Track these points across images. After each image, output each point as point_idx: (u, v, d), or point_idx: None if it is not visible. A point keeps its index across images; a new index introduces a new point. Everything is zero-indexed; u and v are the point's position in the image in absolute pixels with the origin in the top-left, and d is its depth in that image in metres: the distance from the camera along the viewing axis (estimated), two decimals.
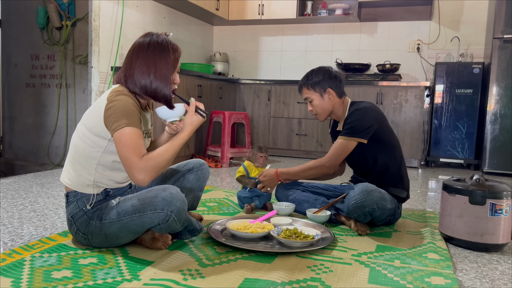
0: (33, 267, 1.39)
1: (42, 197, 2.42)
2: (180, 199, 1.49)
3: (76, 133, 1.58)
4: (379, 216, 1.88)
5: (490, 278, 1.46)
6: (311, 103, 2.12)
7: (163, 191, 1.49)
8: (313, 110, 2.13)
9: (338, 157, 2.02)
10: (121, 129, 1.43)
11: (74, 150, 1.57)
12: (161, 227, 1.50)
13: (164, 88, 1.54)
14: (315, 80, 2.09)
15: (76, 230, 1.56)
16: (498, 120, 4.02)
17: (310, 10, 5.00)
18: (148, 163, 1.43)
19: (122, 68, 1.59)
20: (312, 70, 2.14)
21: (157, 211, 1.46)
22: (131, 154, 1.42)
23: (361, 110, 2.01)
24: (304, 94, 2.14)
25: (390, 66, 4.59)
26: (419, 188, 3.21)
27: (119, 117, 1.44)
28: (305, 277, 1.38)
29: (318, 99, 2.10)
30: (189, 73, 3.96)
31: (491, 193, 1.70)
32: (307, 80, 2.12)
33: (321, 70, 2.12)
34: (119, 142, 1.44)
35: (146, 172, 1.42)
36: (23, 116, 4.63)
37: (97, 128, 1.50)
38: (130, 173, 1.44)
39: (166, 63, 1.54)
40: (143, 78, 1.52)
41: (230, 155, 4.04)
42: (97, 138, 1.51)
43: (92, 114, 1.53)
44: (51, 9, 4.22)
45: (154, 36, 1.57)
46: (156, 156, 1.46)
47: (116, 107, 1.46)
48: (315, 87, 2.09)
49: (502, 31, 3.94)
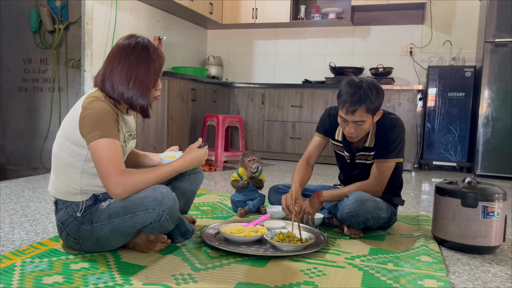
0: (24, 272, 1.37)
1: (33, 202, 2.40)
2: (171, 198, 1.48)
3: (56, 142, 1.54)
4: (373, 225, 1.88)
5: (482, 281, 1.47)
6: (359, 126, 1.82)
7: (153, 190, 1.46)
8: (355, 132, 1.84)
9: (387, 179, 1.93)
10: (96, 141, 1.40)
11: (56, 160, 1.54)
12: (153, 227, 1.48)
13: (140, 98, 1.50)
14: (377, 104, 1.80)
15: (66, 236, 1.54)
16: (490, 123, 4.05)
17: (303, 14, 5.02)
18: (128, 181, 1.42)
19: (102, 70, 1.51)
20: (369, 89, 1.78)
21: (148, 211, 1.44)
22: (109, 169, 1.40)
23: (399, 127, 1.91)
24: (358, 117, 1.78)
25: (383, 70, 4.62)
26: (413, 191, 3.22)
27: (94, 128, 1.40)
28: (298, 281, 1.38)
29: (369, 123, 1.83)
30: (183, 76, 3.96)
31: (483, 196, 1.71)
32: (370, 103, 1.77)
33: (379, 90, 1.82)
34: (95, 153, 1.41)
35: (124, 189, 1.42)
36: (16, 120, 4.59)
37: (75, 137, 1.46)
38: (107, 187, 1.43)
39: (148, 71, 1.49)
40: (121, 84, 1.47)
41: (224, 158, 4.03)
42: (75, 147, 1.48)
43: (69, 123, 1.49)
44: (44, 12, 4.20)
45: (139, 39, 1.51)
46: (138, 176, 1.45)
47: (90, 116, 1.42)
48: (374, 112, 1.82)
49: (494, 35, 3.98)
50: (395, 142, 1.90)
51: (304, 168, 2.07)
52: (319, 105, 4.64)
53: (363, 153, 1.98)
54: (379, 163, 1.92)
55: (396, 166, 1.97)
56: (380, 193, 1.94)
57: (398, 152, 1.91)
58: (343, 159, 2.09)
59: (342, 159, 2.10)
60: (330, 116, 2.06)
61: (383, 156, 1.91)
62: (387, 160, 1.90)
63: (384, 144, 1.91)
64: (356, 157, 2.01)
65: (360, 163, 2.01)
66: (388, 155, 1.90)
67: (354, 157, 2.01)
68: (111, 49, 1.52)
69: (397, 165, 1.99)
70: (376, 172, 1.92)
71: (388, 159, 1.90)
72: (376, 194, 1.92)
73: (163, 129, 3.75)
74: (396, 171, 2.00)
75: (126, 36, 1.53)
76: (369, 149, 1.95)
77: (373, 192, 1.91)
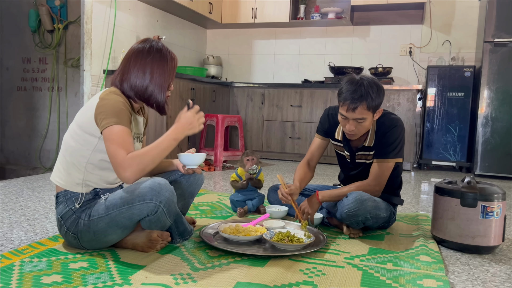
0: (23, 272, 1.37)
1: (32, 201, 2.40)
2: (169, 190, 1.50)
3: (68, 132, 1.59)
4: (372, 224, 1.88)
5: (481, 280, 1.47)
6: (359, 123, 1.83)
7: (151, 182, 1.50)
8: (356, 130, 1.85)
9: (386, 179, 1.93)
10: (110, 127, 1.44)
11: (65, 149, 1.58)
12: (150, 219, 1.50)
13: (158, 95, 1.58)
14: (378, 101, 1.81)
15: (66, 230, 1.56)
16: (489, 123, 4.05)
17: (303, 14, 5.02)
18: (134, 160, 1.43)
19: (119, 71, 1.60)
20: (370, 86, 1.79)
21: (145, 201, 1.46)
22: (118, 150, 1.43)
23: (399, 127, 1.91)
24: (359, 115, 1.79)
25: (382, 70, 4.62)
26: (412, 191, 3.22)
27: (109, 115, 1.45)
28: (297, 281, 1.37)
29: (370, 121, 1.84)
30: (182, 76, 3.96)
31: (482, 196, 1.71)
32: (371, 100, 1.78)
33: (380, 88, 1.82)
34: (108, 139, 1.45)
35: (132, 168, 1.42)
36: (15, 119, 4.59)
37: (88, 126, 1.51)
38: (116, 169, 1.45)
39: (163, 71, 1.58)
40: (139, 82, 1.56)
41: (223, 158, 4.03)
42: (87, 136, 1.52)
43: (84, 112, 1.55)
44: (43, 12, 4.20)
45: (153, 43, 1.60)
46: (142, 153, 1.46)
47: (107, 105, 1.47)
48: (375, 110, 1.83)
49: (493, 35, 3.98)
50: (394, 142, 1.90)
51: (303, 168, 2.10)
52: (318, 105, 4.64)
53: (363, 153, 1.98)
54: (379, 163, 1.92)
55: (395, 166, 1.97)
56: (379, 193, 1.94)
57: (397, 152, 1.92)
58: (344, 159, 2.09)
59: (343, 158, 2.10)
60: (329, 116, 2.06)
61: (382, 156, 1.91)
62: (386, 160, 1.91)
63: (384, 144, 1.91)
64: (356, 156, 2.01)
65: (360, 163, 2.01)
66: (387, 155, 1.90)
67: (354, 157, 2.02)
68: (127, 53, 1.61)
69: (397, 165, 1.99)
70: (375, 171, 1.92)
71: (388, 159, 1.90)
72: (375, 193, 1.92)
73: (162, 129, 3.75)
74: (396, 171, 2.00)
75: (141, 41, 1.62)
76: (369, 149, 1.95)
77: (372, 191, 1.91)
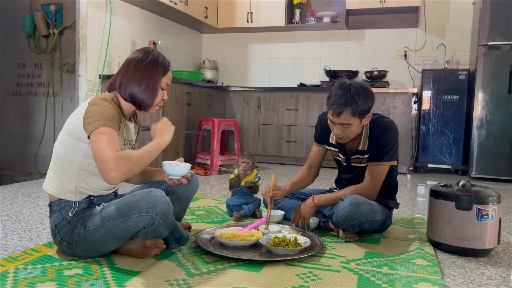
0: (17, 279, 1.36)
1: (27, 208, 2.38)
2: (165, 202, 1.49)
3: (58, 140, 1.58)
4: (368, 228, 1.89)
5: (477, 284, 1.47)
6: (346, 128, 1.85)
7: (147, 194, 1.49)
8: (343, 134, 1.87)
9: (381, 182, 1.93)
10: (97, 129, 1.42)
11: (56, 156, 1.57)
12: (147, 231, 1.49)
13: (148, 100, 1.63)
14: (364, 107, 1.82)
15: (60, 240, 1.54)
16: (484, 125, 4.07)
17: (298, 18, 5.04)
18: (120, 158, 1.38)
19: (118, 75, 1.64)
20: (357, 93, 1.80)
21: (141, 214, 1.45)
22: (105, 148, 1.38)
23: (393, 130, 1.91)
24: (344, 120, 1.81)
25: (377, 73, 4.64)
26: (408, 194, 3.23)
27: (97, 119, 1.44)
28: (293, 285, 1.37)
29: (357, 126, 1.86)
30: (178, 80, 3.96)
31: (477, 198, 1.71)
32: (356, 106, 1.79)
33: (368, 94, 1.83)
34: (94, 140, 1.41)
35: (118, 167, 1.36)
36: (10, 125, 4.57)
37: (77, 131, 1.50)
38: (102, 168, 1.38)
39: (156, 81, 1.63)
40: (135, 87, 1.59)
41: (219, 162, 4.03)
42: (76, 142, 1.51)
43: (73, 118, 1.54)
44: (38, 17, 4.19)
45: (154, 53, 1.66)
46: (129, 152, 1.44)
47: (95, 110, 1.47)
48: (361, 116, 1.84)
49: (487, 38, 4.00)
50: (388, 145, 1.91)
51: (301, 172, 2.15)
52: (314, 109, 4.65)
53: (357, 156, 1.99)
54: (373, 166, 1.92)
55: (390, 169, 1.98)
56: (375, 196, 1.94)
57: (391, 155, 1.92)
58: (340, 163, 2.10)
59: (339, 162, 2.11)
60: (322, 122, 2.09)
61: (376, 159, 1.92)
62: (380, 163, 1.91)
63: (378, 147, 1.92)
64: (351, 160, 2.01)
65: (355, 166, 2.02)
66: (381, 158, 1.91)
67: (350, 160, 2.02)
68: (127, 59, 1.67)
69: (392, 168, 1.99)
70: (369, 175, 1.92)
71: (382, 162, 1.91)
72: (370, 197, 1.92)
73: None
74: (391, 174, 2.00)
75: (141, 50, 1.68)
76: (363, 152, 1.96)
77: (368, 195, 1.91)
